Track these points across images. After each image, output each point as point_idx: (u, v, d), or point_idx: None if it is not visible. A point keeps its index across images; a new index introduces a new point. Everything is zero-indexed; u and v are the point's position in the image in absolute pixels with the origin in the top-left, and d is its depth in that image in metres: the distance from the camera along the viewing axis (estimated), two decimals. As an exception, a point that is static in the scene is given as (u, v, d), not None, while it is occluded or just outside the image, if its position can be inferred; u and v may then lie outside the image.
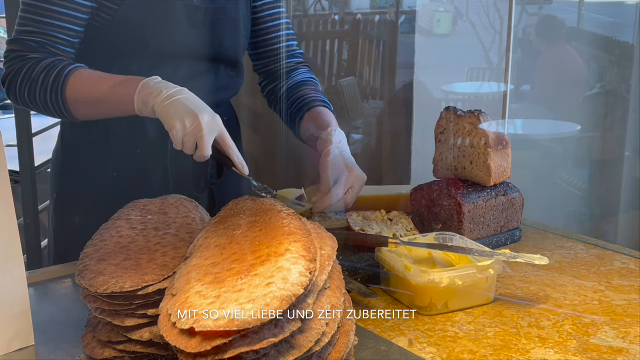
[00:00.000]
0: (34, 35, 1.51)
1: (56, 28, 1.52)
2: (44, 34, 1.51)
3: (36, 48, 1.51)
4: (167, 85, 1.45)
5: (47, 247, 1.78)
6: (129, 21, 1.56)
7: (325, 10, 3.86)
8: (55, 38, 1.52)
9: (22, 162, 2.35)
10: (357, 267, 1.42)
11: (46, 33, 1.51)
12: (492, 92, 3.83)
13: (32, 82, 1.50)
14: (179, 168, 1.69)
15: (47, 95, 1.50)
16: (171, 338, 0.93)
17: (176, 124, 1.40)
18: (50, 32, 1.51)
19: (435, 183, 1.64)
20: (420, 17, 3.66)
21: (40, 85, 1.49)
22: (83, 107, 1.52)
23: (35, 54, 1.51)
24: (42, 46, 1.51)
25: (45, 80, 1.49)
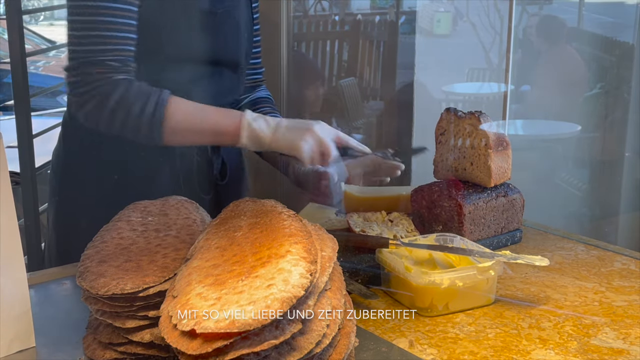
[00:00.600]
0: (113, 54, 1.48)
1: (126, 40, 1.49)
2: (122, 50, 1.48)
3: (118, 67, 1.48)
4: (266, 119, 1.55)
5: (45, 248, 1.78)
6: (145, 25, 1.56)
7: (326, 11, 3.86)
8: (128, 52, 1.50)
9: (23, 163, 2.35)
10: (358, 268, 1.42)
11: (123, 49, 1.49)
12: (492, 92, 3.83)
13: (129, 108, 1.48)
14: (185, 170, 1.69)
15: (142, 123, 1.49)
16: (172, 339, 0.93)
17: (300, 145, 1.51)
18: (126, 47, 1.49)
19: (435, 184, 1.64)
20: (420, 18, 3.66)
21: (137, 112, 1.48)
22: (179, 136, 1.54)
23: (120, 75, 1.48)
24: (123, 64, 1.48)
25: (144, 108, 1.48)
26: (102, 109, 1.48)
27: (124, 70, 1.49)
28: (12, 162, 1.56)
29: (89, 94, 1.48)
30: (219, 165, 1.78)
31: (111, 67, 1.48)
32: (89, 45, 1.48)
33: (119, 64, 1.48)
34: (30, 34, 6.90)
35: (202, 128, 1.54)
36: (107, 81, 1.47)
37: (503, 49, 3.08)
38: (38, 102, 4.29)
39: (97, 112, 1.49)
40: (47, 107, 4.57)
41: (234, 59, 1.74)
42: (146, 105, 1.48)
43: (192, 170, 1.72)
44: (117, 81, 1.48)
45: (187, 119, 1.53)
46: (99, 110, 1.49)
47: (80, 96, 1.49)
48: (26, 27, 2.53)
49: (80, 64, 1.48)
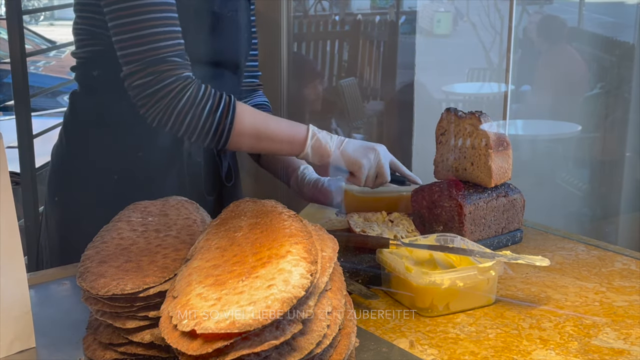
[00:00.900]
0: (173, 49, 1.47)
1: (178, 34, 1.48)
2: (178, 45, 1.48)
3: (181, 63, 1.47)
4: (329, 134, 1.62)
5: (43, 248, 1.77)
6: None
7: (326, 11, 3.86)
8: (183, 45, 1.49)
9: (23, 164, 2.35)
10: (358, 268, 1.42)
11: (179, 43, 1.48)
12: (492, 92, 3.83)
13: (197, 108, 1.48)
14: (191, 171, 1.69)
15: (214, 123, 1.50)
16: (172, 340, 0.92)
17: (363, 162, 1.59)
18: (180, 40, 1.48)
19: (436, 184, 1.64)
20: (421, 18, 3.66)
21: (207, 112, 1.49)
22: (246, 140, 1.56)
23: (186, 71, 1.48)
24: (182, 58, 1.48)
25: (212, 108, 1.49)
26: (174, 109, 1.47)
27: (186, 66, 1.49)
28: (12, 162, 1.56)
29: (160, 92, 1.46)
30: (226, 168, 1.78)
31: (176, 63, 1.46)
32: (146, 45, 1.45)
33: (180, 59, 1.48)
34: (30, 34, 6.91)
35: (268, 134, 1.57)
36: (177, 78, 1.46)
37: (503, 49, 3.08)
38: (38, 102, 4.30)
39: (169, 112, 1.47)
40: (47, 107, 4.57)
41: (235, 60, 1.75)
42: (218, 105, 1.50)
43: (198, 172, 1.72)
44: (186, 78, 1.47)
45: (255, 124, 1.56)
46: (170, 109, 1.47)
47: (151, 97, 1.46)
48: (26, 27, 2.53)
49: (144, 65, 1.45)
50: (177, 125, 1.49)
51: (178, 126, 1.49)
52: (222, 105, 1.50)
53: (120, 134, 1.64)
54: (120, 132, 1.64)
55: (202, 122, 1.49)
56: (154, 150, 1.66)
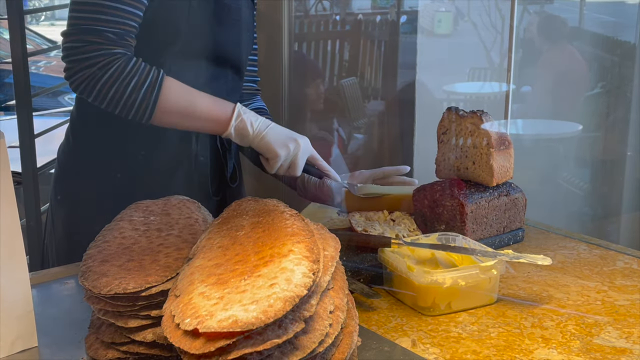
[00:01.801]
0: (112, 25, 1.47)
1: (129, 15, 1.49)
2: (122, 24, 1.48)
3: (117, 41, 1.48)
4: (255, 116, 1.59)
5: (48, 247, 1.77)
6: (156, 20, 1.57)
7: (326, 11, 3.86)
8: (130, 27, 1.50)
9: (25, 163, 2.35)
10: (360, 267, 1.42)
11: (123, 22, 1.48)
12: (493, 92, 3.83)
13: (121, 82, 1.48)
14: (192, 170, 1.69)
15: (138, 97, 1.49)
16: (175, 339, 0.92)
17: (280, 152, 1.58)
18: (125, 20, 1.49)
19: (437, 183, 1.64)
20: (422, 17, 3.66)
21: (132, 87, 1.48)
22: (171, 116, 1.55)
23: (118, 48, 1.48)
24: (120, 37, 1.48)
25: (139, 83, 1.48)
26: (98, 81, 1.48)
27: (122, 45, 1.49)
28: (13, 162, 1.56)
29: (85, 62, 1.47)
30: (231, 168, 1.78)
31: (109, 39, 1.47)
32: (89, 13, 1.48)
33: (116, 37, 1.48)
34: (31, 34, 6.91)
35: (194, 111, 1.56)
36: (104, 52, 1.47)
37: (504, 49, 3.08)
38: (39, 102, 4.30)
39: (92, 83, 1.48)
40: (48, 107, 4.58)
41: (238, 61, 1.74)
42: (144, 81, 1.49)
43: (204, 172, 1.72)
44: (115, 54, 1.48)
45: (180, 101, 1.54)
46: (94, 81, 1.48)
47: (77, 63, 1.48)
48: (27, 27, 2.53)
49: (79, 31, 1.48)
50: (101, 97, 1.50)
51: (101, 98, 1.50)
52: (148, 81, 1.49)
53: (125, 133, 1.64)
54: (126, 131, 1.64)
55: (126, 96, 1.49)
56: (158, 150, 1.66)
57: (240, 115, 1.57)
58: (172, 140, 1.65)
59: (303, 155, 1.62)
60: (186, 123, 1.59)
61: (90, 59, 1.47)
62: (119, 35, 1.48)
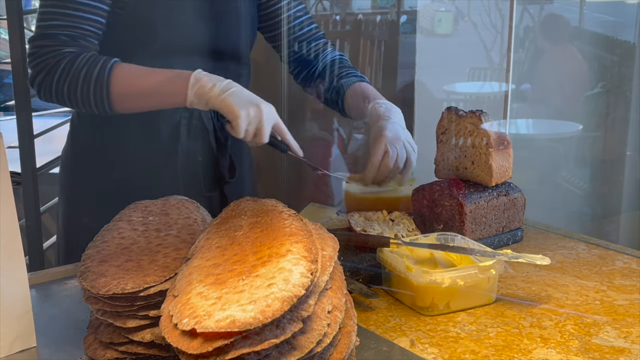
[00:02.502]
0: (64, 29, 1.49)
1: (85, 20, 1.50)
2: (75, 27, 1.49)
3: (68, 42, 1.49)
4: (218, 78, 1.51)
5: (55, 246, 1.78)
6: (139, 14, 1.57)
7: (326, 11, 3.86)
8: (85, 31, 1.50)
9: (24, 164, 2.35)
10: (359, 267, 1.42)
11: (76, 26, 1.49)
12: (493, 92, 3.83)
13: (72, 77, 1.48)
14: (190, 167, 1.69)
15: (90, 89, 1.49)
16: (173, 339, 0.93)
17: (240, 113, 1.48)
18: (80, 25, 1.50)
19: (436, 183, 1.64)
20: (422, 17, 3.66)
21: (82, 80, 1.48)
22: (129, 100, 1.53)
23: (69, 48, 1.49)
24: (74, 39, 1.49)
25: (88, 75, 1.48)
26: (52, 81, 1.49)
27: (74, 45, 1.50)
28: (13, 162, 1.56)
29: (39, 66, 1.49)
30: (227, 163, 1.77)
31: (60, 41, 1.49)
32: (47, 21, 1.50)
33: (68, 39, 1.49)
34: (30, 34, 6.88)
35: (148, 89, 1.53)
36: (54, 54, 1.48)
37: (504, 49, 3.08)
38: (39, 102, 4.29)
39: (47, 84, 1.50)
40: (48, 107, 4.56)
41: (236, 51, 1.73)
42: (93, 71, 1.49)
43: (202, 169, 1.72)
44: (63, 53, 1.49)
45: (132, 82, 1.52)
46: (48, 82, 1.50)
47: (33, 68, 1.50)
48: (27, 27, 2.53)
49: (36, 37, 1.51)
50: (59, 97, 1.51)
51: (60, 98, 1.51)
52: (96, 71, 1.49)
53: (123, 134, 1.65)
54: (123, 131, 1.64)
55: (79, 90, 1.49)
56: (156, 150, 1.66)
57: (199, 80, 1.50)
58: (169, 138, 1.65)
59: (268, 121, 1.53)
60: (146, 104, 1.56)
61: (42, 62, 1.49)
62: (72, 37, 1.50)
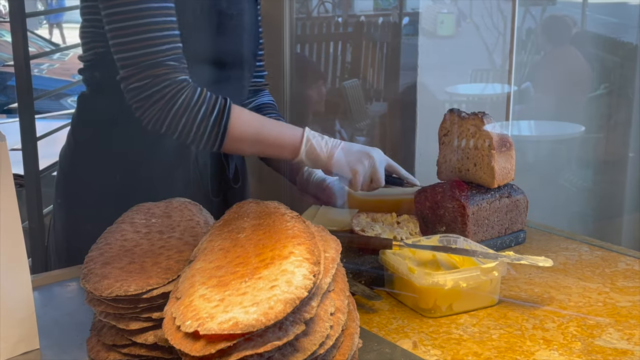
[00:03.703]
0: (169, 53, 1.47)
1: (175, 38, 1.48)
2: (175, 49, 1.48)
3: (177, 67, 1.47)
4: (322, 137, 1.59)
5: (51, 250, 1.77)
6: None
7: (329, 12, 3.86)
8: (180, 49, 1.49)
9: (27, 166, 2.35)
10: (361, 269, 1.42)
11: (175, 47, 1.48)
12: (495, 93, 3.83)
13: (190, 112, 1.48)
14: (197, 172, 1.70)
15: (207, 128, 1.50)
16: (175, 341, 0.93)
17: (357, 167, 1.58)
18: (177, 44, 1.48)
19: (439, 185, 1.64)
20: (424, 19, 3.66)
21: (202, 116, 1.49)
22: (241, 144, 1.56)
23: (181, 75, 1.47)
24: (179, 62, 1.48)
25: (207, 112, 1.49)
26: (169, 112, 1.47)
27: (183, 70, 1.49)
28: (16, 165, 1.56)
29: (155, 97, 1.46)
30: (233, 169, 1.78)
31: (171, 67, 1.46)
32: (142, 49, 1.45)
33: (177, 63, 1.47)
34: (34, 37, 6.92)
35: (263, 139, 1.57)
36: (172, 82, 1.46)
37: (506, 50, 3.08)
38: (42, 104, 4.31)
39: (163, 116, 1.47)
40: (51, 110, 4.59)
41: (242, 61, 1.74)
42: (212, 109, 1.50)
43: (205, 174, 1.72)
44: (182, 82, 1.47)
45: (250, 128, 1.56)
46: (164, 113, 1.47)
47: (147, 100, 1.46)
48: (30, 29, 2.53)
49: (142, 69, 1.45)
50: (172, 128, 1.49)
51: (173, 129, 1.49)
52: (217, 109, 1.50)
53: (127, 136, 1.65)
54: (127, 133, 1.64)
55: (197, 125, 1.49)
56: (159, 152, 1.66)
57: (310, 140, 1.57)
58: (172, 143, 1.65)
59: (381, 165, 1.61)
60: (255, 150, 1.62)
61: (159, 92, 1.46)
62: (177, 60, 1.48)
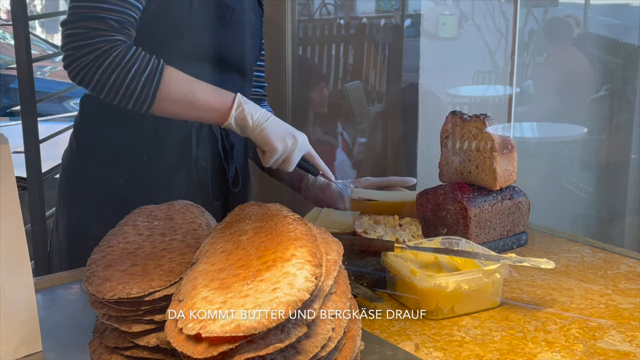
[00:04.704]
0: (114, 14, 1.47)
1: (131, 6, 1.50)
2: (123, 13, 1.48)
3: (118, 28, 1.48)
4: (257, 107, 1.58)
5: (54, 253, 1.78)
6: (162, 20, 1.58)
7: (331, 14, 3.86)
8: (131, 17, 1.50)
9: (29, 169, 2.35)
10: (363, 271, 1.42)
11: (124, 12, 1.49)
12: (498, 95, 3.83)
13: (123, 69, 1.47)
14: (197, 175, 1.70)
15: (138, 86, 1.48)
16: (178, 344, 0.93)
17: (277, 144, 1.56)
18: (127, 11, 1.49)
19: (441, 187, 1.64)
20: (426, 21, 3.66)
21: (132, 75, 1.47)
22: (171, 106, 1.54)
23: (120, 36, 1.48)
24: (122, 26, 1.48)
25: (139, 71, 1.48)
26: (98, 68, 1.46)
27: (123, 33, 1.49)
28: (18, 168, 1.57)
29: (85, 49, 1.46)
30: (233, 173, 1.78)
31: (111, 26, 1.47)
32: (91, 2, 1.47)
33: (119, 25, 1.48)
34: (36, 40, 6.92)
35: (194, 101, 1.54)
36: (107, 39, 1.46)
37: (508, 52, 3.08)
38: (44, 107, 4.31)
39: (92, 71, 1.47)
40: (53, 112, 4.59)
41: (242, 64, 1.74)
42: (145, 69, 1.49)
43: (205, 177, 1.72)
44: (116, 41, 1.47)
45: (181, 89, 1.53)
46: (93, 68, 1.47)
47: (77, 50, 1.47)
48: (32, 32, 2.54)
49: (80, 18, 1.47)
50: (100, 84, 1.48)
51: (101, 86, 1.48)
52: (149, 68, 1.49)
53: (128, 139, 1.65)
54: (129, 136, 1.65)
55: (126, 84, 1.48)
56: (161, 155, 1.67)
57: (241, 105, 1.56)
58: (175, 145, 1.66)
59: (299, 151, 1.62)
60: (186, 113, 1.58)
61: (91, 45, 1.46)
62: (121, 23, 1.48)
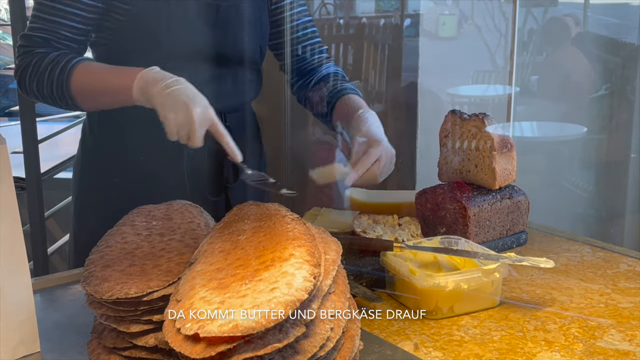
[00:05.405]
0: (40, 32, 1.55)
1: (61, 26, 1.55)
2: (49, 31, 1.55)
3: (41, 43, 1.55)
4: (165, 75, 1.44)
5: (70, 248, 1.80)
6: (142, 21, 1.57)
7: (330, 14, 3.85)
8: (59, 34, 1.55)
9: (28, 169, 2.36)
10: (362, 271, 1.41)
11: (51, 30, 1.55)
12: (497, 94, 3.83)
13: (40, 76, 1.53)
14: (194, 172, 1.69)
15: (53, 87, 1.53)
16: (176, 344, 0.93)
17: (168, 115, 1.41)
18: (55, 29, 1.55)
19: (440, 187, 1.64)
20: (425, 20, 3.66)
21: (47, 78, 1.52)
22: (87, 98, 1.55)
23: (41, 49, 1.54)
24: (46, 42, 1.55)
25: (51, 74, 1.52)
26: (26, 78, 1.55)
27: (46, 46, 1.55)
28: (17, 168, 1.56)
29: (17, 65, 1.56)
30: (230, 167, 1.77)
31: (33, 42, 1.55)
32: (30, 24, 1.58)
33: (41, 40, 1.55)
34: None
35: (101, 87, 1.54)
36: (28, 54, 1.55)
37: (508, 51, 3.08)
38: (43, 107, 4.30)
39: (23, 81, 1.56)
40: (52, 113, 4.58)
41: (243, 56, 1.72)
42: (55, 70, 1.52)
43: (210, 173, 1.72)
44: (35, 53, 1.54)
45: (87, 80, 1.54)
46: (24, 79, 1.55)
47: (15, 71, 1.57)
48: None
49: (19, 38, 1.58)
50: (34, 95, 1.57)
51: (35, 96, 1.57)
52: (59, 69, 1.52)
53: (127, 139, 1.65)
54: (127, 137, 1.65)
55: (47, 88, 1.53)
56: (159, 155, 1.66)
57: (143, 77, 1.45)
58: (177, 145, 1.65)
59: (200, 125, 1.41)
60: (104, 100, 1.55)
61: (19, 62, 1.56)
62: (45, 39, 1.55)
